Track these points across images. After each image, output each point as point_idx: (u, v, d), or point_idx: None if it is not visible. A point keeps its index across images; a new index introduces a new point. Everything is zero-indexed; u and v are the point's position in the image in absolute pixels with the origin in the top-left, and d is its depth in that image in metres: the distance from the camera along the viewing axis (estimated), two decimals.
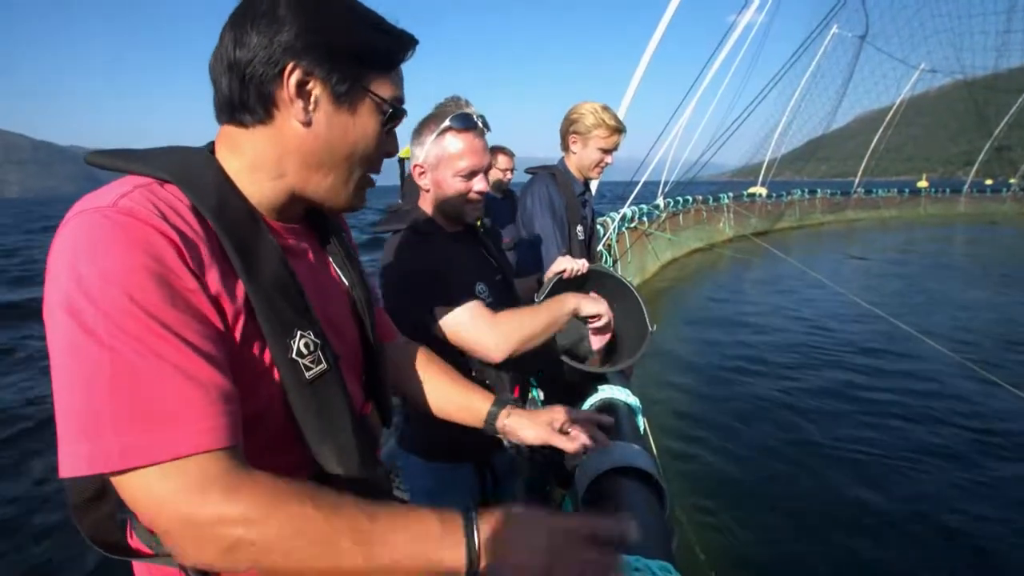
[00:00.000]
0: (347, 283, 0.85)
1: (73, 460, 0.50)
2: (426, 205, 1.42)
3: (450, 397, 1.05)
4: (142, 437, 0.51)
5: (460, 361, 1.34)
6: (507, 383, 1.41)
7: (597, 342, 1.58)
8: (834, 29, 25.86)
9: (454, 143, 1.30)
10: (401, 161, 2.81)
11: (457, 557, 0.57)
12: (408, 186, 2.69)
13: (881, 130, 34.33)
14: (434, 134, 1.30)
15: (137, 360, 0.52)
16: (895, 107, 35.57)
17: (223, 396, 0.56)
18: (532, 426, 1.01)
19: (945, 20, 37.01)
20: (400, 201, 2.65)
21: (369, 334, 0.86)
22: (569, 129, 2.16)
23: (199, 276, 0.58)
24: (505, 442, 1.01)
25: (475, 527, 0.59)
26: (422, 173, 1.37)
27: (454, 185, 1.34)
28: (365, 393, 0.85)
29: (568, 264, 1.64)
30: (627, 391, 1.61)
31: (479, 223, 1.52)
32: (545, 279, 1.66)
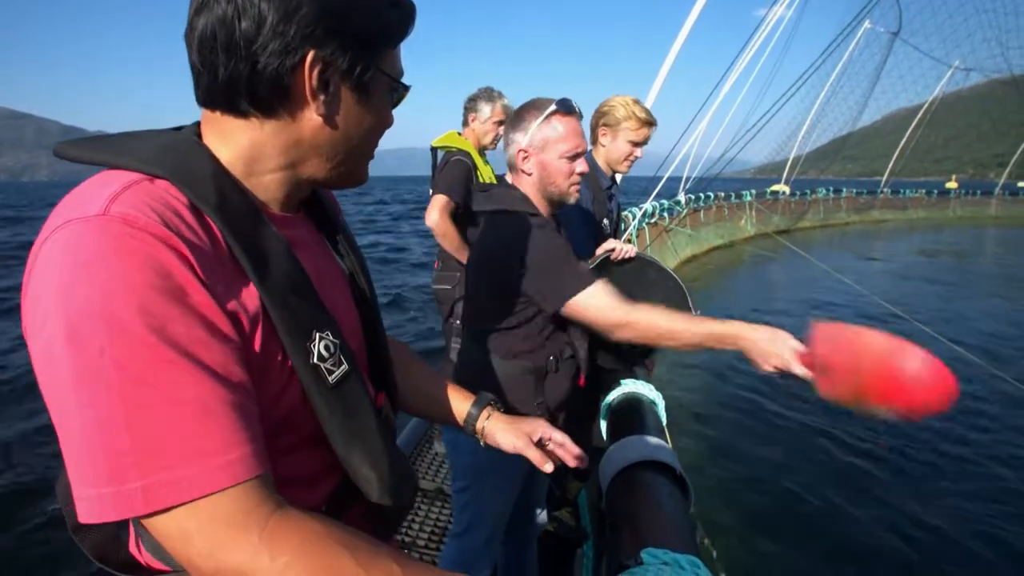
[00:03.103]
0: (346, 269, 0.79)
1: (96, 505, 0.46)
2: (526, 188, 1.46)
3: (434, 394, 1.02)
4: (166, 475, 0.46)
5: (544, 345, 1.43)
6: (583, 368, 1.50)
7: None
8: (866, 24, 25.32)
9: (560, 126, 1.38)
10: (433, 151, 2.81)
11: None
12: (440, 175, 2.70)
13: (911, 129, 33.56)
14: (539, 119, 1.38)
15: (152, 393, 0.47)
16: (926, 106, 34.74)
17: (247, 422, 0.52)
18: (510, 433, 0.98)
19: (990, 16, 35.76)
20: (431, 190, 2.67)
21: (374, 321, 0.81)
22: (599, 122, 2.15)
23: (210, 287, 0.52)
24: (482, 443, 1.01)
25: None
26: (526, 157, 1.42)
27: (560, 167, 1.40)
28: (375, 385, 0.80)
29: (617, 245, 1.70)
30: (650, 386, 1.61)
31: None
32: (594, 256, 1.74)
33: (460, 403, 1.01)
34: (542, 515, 1.83)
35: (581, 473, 2.62)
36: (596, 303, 1.31)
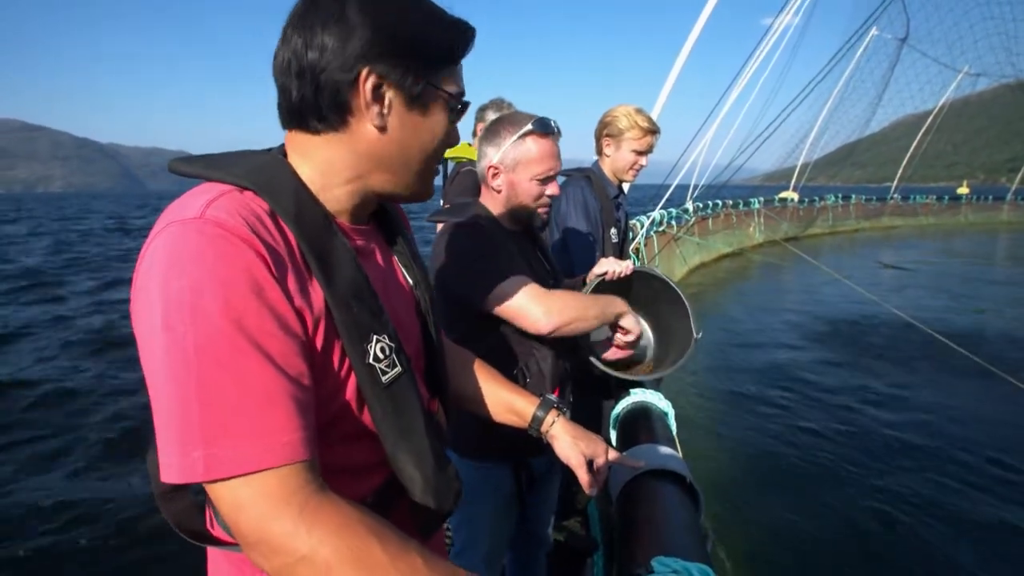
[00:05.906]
0: (411, 282, 0.85)
1: (169, 469, 0.54)
2: (492, 204, 1.44)
3: (496, 398, 1.06)
4: (225, 450, 0.52)
5: (508, 358, 1.36)
6: (548, 382, 1.41)
7: (613, 353, 1.58)
8: (873, 31, 25.26)
9: (534, 147, 1.33)
10: (444, 161, 2.84)
11: None
12: (451, 186, 2.72)
13: (920, 135, 33.35)
14: (514, 137, 1.32)
15: (223, 376, 0.53)
16: (935, 111, 34.53)
17: (302, 411, 0.57)
18: (569, 447, 1.04)
19: (999, 23, 35.30)
20: (442, 201, 2.69)
21: (432, 332, 0.85)
22: (603, 132, 2.17)
23: (284, 286, 0.58)
24: (545, 439, 1.03)
25: None
26: (496, 174, 1.38)
27: (530, 188, 1.36)
28: (430, 391, 0.85)
29: (611, 266, 1.60)
30: (659, 395, 1.61)
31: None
32: (587, 280, 1.64)
33: (525, 406, 1.06)
34: (551, 526, 1.82)
35: None
36: (518, 290, 1.28)
